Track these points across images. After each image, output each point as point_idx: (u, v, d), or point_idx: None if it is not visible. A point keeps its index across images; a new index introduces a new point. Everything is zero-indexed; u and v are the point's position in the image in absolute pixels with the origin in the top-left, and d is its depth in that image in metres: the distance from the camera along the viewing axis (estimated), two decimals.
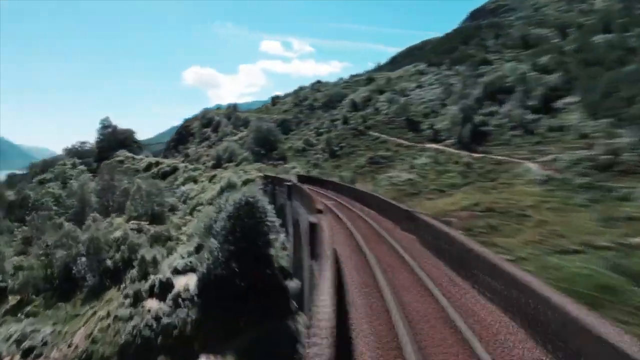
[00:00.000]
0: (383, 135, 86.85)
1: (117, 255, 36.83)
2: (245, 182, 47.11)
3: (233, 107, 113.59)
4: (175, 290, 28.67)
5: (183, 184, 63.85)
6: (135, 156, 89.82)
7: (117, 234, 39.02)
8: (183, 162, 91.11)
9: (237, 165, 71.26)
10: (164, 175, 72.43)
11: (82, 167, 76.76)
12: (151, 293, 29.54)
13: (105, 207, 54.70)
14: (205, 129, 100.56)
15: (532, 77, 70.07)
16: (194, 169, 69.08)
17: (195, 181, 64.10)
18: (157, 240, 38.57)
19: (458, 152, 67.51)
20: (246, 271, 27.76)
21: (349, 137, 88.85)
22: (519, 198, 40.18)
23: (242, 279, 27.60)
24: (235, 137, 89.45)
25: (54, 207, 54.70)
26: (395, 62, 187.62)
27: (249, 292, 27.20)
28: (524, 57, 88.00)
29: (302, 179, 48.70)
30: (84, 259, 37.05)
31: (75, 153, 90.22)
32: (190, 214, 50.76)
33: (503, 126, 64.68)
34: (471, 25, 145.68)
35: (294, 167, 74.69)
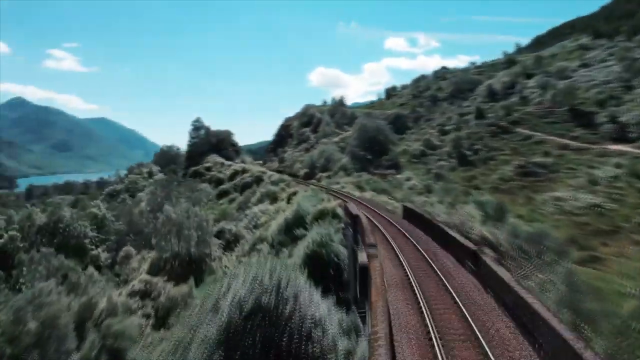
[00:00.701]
0: (537, 133, 62.59)
1: None
2: (320, 215, 29.69)
3: (339, 102, 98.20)
4: None
5: (259, 201, 48.83)
6: (226, 162, 78.18)
7: (102, 304, 24.16)
8: (277, 169, 77.34)
9: (331, 176, 54.36)
10: (244, 187, 58.67)
11: (159, 176, 66.82)
12: None
13: (147, 237, 41.45)
14: (304, 129, 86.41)
15: None
16: (277, 182, 53.63)
17: (274, 199, 48.71)
18: (163, 320, 23.14)
19: None
20: None
21: (486, 136, 65.96)
22: None
23: None
24: (336, 139, 73.69)
25: (92, 233, 43.17)
26: (541, 42, 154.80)
27: None
28: None
29: (407, 214, 29.96)
30: None
31: (164, 158, 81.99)
32: (250, 251, 35.18)
33: None
34: None
35: (408, 179, 55.18)
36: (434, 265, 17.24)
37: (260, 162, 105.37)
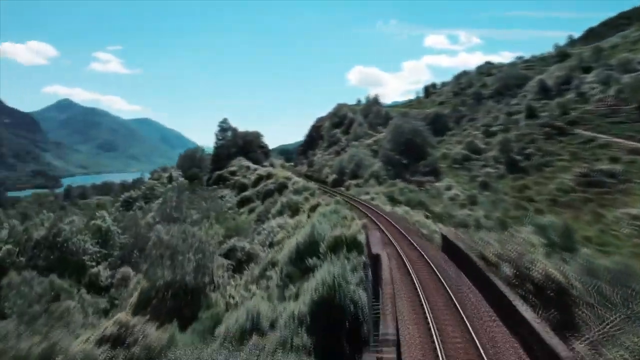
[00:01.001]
0: (600, 135, 54.40)
1: None
2: (336, 244, 23.78)
3: (372, 101, 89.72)
4: None
5: (279, 213, 43.12)
6: (252, 165, 73.42)
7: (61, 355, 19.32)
8: (305, 173, 72.03)
9: (361, 184, 48.10)
10: (266, 195, 53.33)
11: (180, 180, 62.30)
12: None
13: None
14: (335, 130, 79.62)
15: None
16: (301, 190, 47.59)
17: (296, 210, 42.96)
18: None
19: None
20: None
21: (540, 138, 58.17)
22: None
23: None
24: (369, 141, 68.24)
25: (93, 248, 38.72)
26: (595, 35, 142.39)
27: None
28: None
29: (447, 247, 23.10)
30: None
31: (188, 161, 78.23)
32: (260, 278, 29.65)
33: None
34: None
35: (449, 188, 48.52)
36: None
37: (292, 163, 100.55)
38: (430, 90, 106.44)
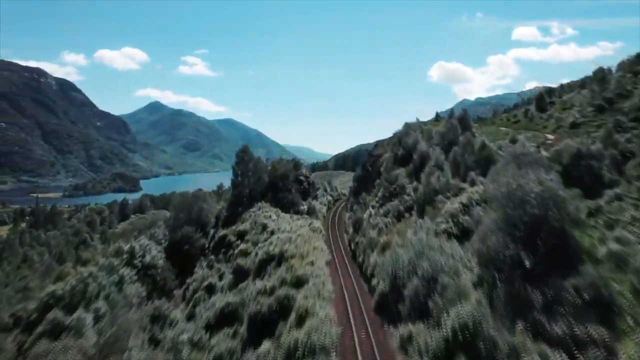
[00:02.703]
0: None
1: None
2: None
3: (458, 118, 51.80)
4: None
5: None
6: (270, 222, 46.82)
7: None
8: (350, 243, 44.79)
9: (431, 327, 21.05)
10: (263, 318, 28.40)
11: (158, 256, 38.84)
12: None
13: None
14: (397, 170, 47.65)
15: None
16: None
17: None
18: None
19: None
20: None
21: None
22: None
23: None
24: (456, 205, 34.92)
25: None
26: None
27: None
28: None
29: None
30: None
31: (185, 205, 54.61)
32: None
33: None
34: None
35: None
36: None
37: (344, 197, 74.24)
38: (544, 98, 72.57)
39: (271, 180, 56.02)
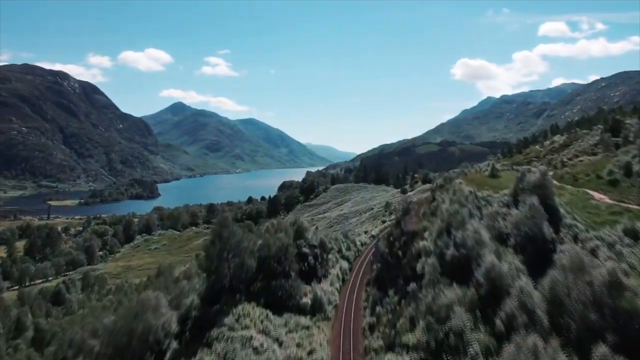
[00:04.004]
0: None
1: None
2: None
3: (540, 178, 32.47)
4: None
5: None
6: (249, 337, 30.82)
7: None
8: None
9: None
10: None
11: None
12: None
13: None
14: (450, 293, 28.76)
15: None
16: None
17: None
18: None
19: None
20: None
21: None
22: None
23: None
24: None
25: None
26: None
27: None
28: None
29: None
30: None
31: None
32: None
33: None
34: None
35: None
36: None
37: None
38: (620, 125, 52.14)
39: (262, 260, 40.23)
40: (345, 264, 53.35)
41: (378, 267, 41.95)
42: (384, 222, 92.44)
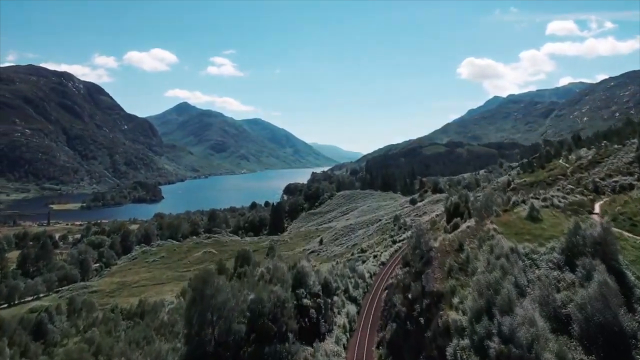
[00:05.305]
0: None
1: None
2: None
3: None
4: None
5: None
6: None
7: None
8: None
9: None
10: None
11: None
12: None
13: None
14: None
15: None
16: None
17: None
18: None
19: None
20: None
21: None
22: None
23: None
24: None
25: None
26: None
27: None
28: None
29: None
30: None
31: None
32: None
33: None
34: None
35: None
36: None
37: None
38: None
39: (255, 317, 33.65)
40: (352, 309, 46.63)
41: (393, 328, 35.08)
42: (394, 241, 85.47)
